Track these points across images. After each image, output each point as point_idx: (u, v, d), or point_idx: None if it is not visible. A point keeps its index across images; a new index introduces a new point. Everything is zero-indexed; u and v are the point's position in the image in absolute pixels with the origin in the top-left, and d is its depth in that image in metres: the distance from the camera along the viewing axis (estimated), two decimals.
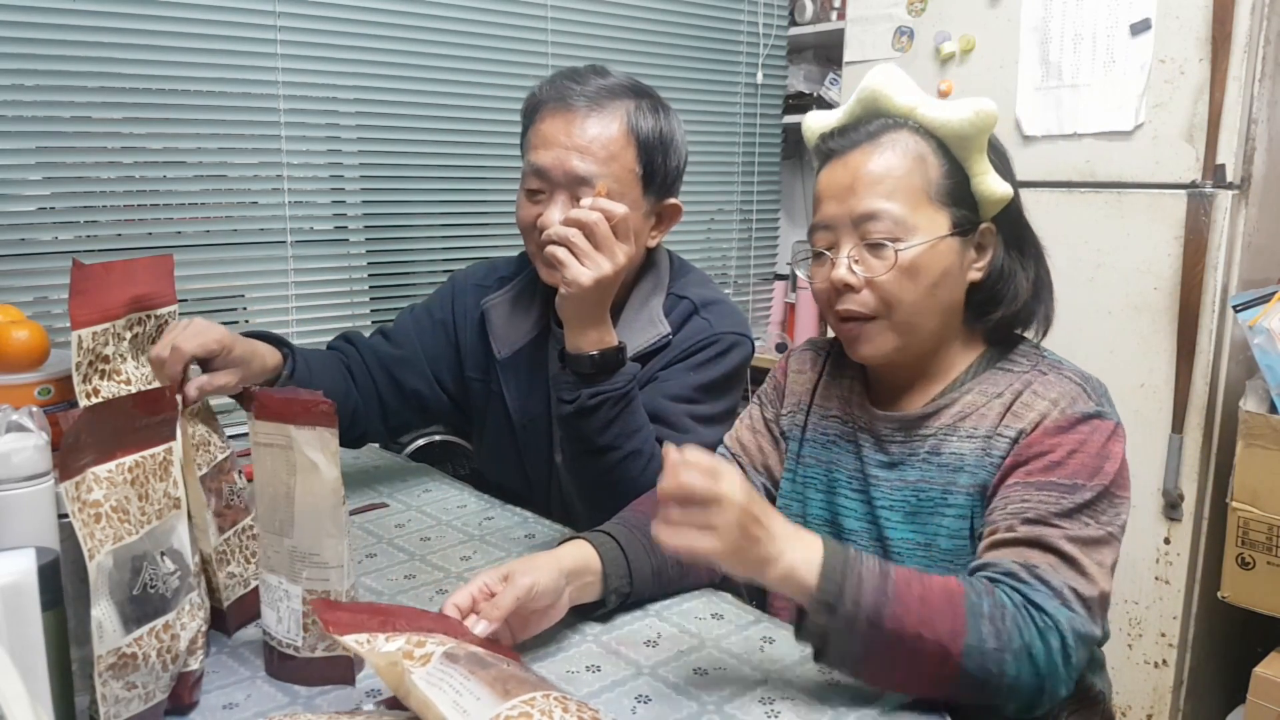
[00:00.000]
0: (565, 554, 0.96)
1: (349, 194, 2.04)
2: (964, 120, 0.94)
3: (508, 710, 0.66)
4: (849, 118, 1.01)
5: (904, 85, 0.98)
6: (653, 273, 1.32)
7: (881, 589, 0.79)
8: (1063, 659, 0.82)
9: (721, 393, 1.27)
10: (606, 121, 1.20)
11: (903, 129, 0.97)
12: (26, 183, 1.63)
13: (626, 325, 1.26)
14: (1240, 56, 1.70)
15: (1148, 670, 1.88)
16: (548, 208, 1.20)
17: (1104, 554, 0.88)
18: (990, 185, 0.97)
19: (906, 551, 0.99)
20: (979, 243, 0.99)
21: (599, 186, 1.17)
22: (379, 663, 0.71)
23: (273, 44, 1.82)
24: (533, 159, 1.22)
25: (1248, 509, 1.67)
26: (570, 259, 1.08)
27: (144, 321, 0.87)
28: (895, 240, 0.94)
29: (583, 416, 1.12)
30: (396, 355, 1.36)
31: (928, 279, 0.95)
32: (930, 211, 0.95)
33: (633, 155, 1.22)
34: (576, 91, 1.21)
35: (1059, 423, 0.92)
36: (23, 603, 0.64)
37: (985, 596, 0.82)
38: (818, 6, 2.73)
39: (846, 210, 0.96)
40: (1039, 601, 0.83)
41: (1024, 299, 1.01)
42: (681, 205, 1.31)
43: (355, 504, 1.32)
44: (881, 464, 1.02)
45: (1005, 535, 0.88)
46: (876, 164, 0.95)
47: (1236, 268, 1.77)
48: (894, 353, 0.98)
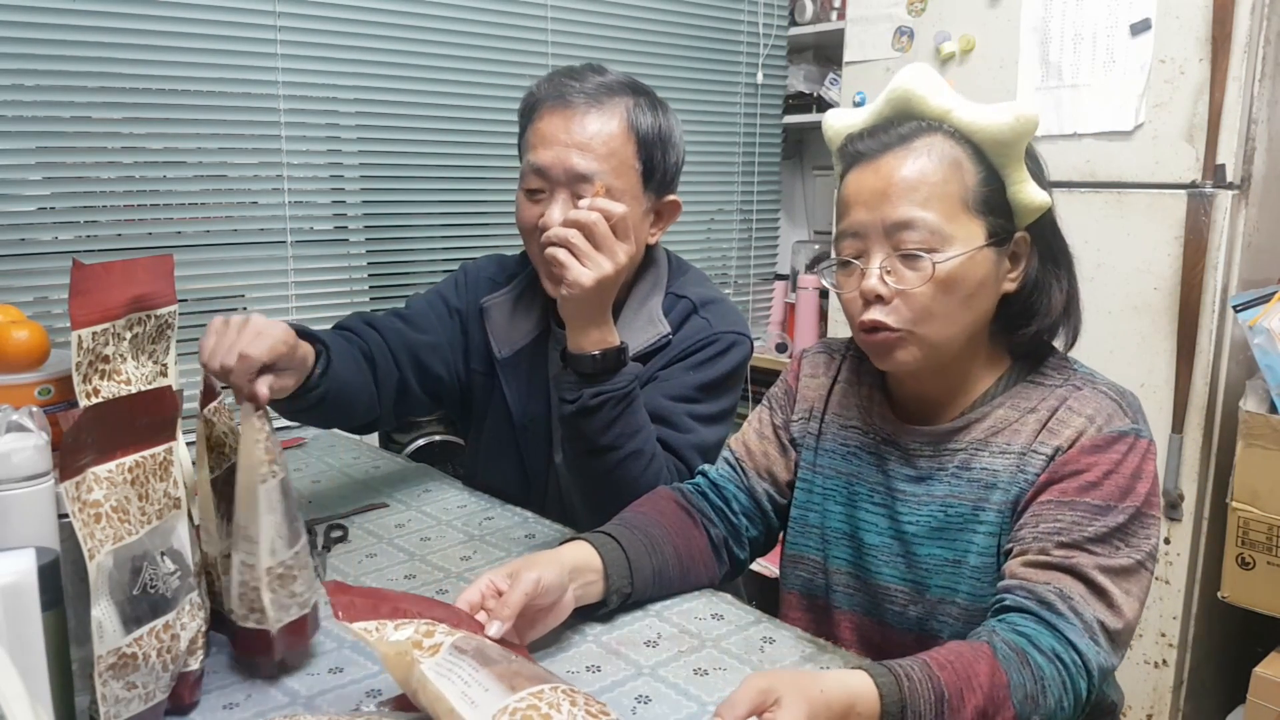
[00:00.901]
0: (567, 552, 0.96)
1: (349, 194, 2.04)
2: (1004, 125, 0.90)
3: (515, 702, 0.66)
4: (877, 118, 0.97)
5: (938, 86, 0.94)
6: (652, 271, 1.32)
7: (940, 716, 0.77)
8: (1086, 697, 0.83)
9: (722, 392, 1.27)
10: (606, 118, 1.20)
11: (937, 133, 0.92)
12: (26, 183, 1.63)
13: (626, 325, 1.26)
14: (1240, 56, 1.70)
15: (1148, 670, 1.88)
16: (549, 207, 1.20)
17: (1133, 584, 0.88)
18: (1029, 194, 0.93)
19: (935, 568, 0.98)
20: (1014, 252, 0.96)
21: (597, 185, 1.17)
22: (387, 651, 0.71)
23: (273, 44, 1.82)
24: (532, 158, 1.21)
25: (1248, 509, 1.67)
26: (571, 260, 1.08)
27: (144, 321, 0.87)
28: (931, 251, 0.90)
29: (584, 416, 1.12)
30: (424, 341, 1.33)
31: (963, 291, 0.91)
32: (966, 221, 0.91)
33: (632, 151, 1.21)
34: (575, 89, 1.21)
35: (1095, 441, 0.90)
36: (23, 603, 0.64)
37: (1024, 669, 0.81)
38: (818, 6, 2.73)
39: (879, 218, 0.92)
40: (1072, 639, 0.83)
41: (1057, 312, 0.97)
42: (680, 202, 1.31)
43: (355, 504, 1.32)
44: (908, 478, 1.00)
45: (1039, 557, 0.87)
46: (911, 169, 0.91)
47: (1236, 268, 1.77)
48: (921, 364, 0.95)
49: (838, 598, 1.06)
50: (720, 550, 1.10)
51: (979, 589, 0.95)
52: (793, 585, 1.11)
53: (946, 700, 0.77)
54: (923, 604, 0.99)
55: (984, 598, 0.94)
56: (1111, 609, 0.86)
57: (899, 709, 0.76)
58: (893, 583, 1.01)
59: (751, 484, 1.12)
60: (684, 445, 1.22)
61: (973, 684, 0.79)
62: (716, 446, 1.27)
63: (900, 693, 0.76)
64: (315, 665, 0.89)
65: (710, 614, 1.01)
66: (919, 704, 0.76)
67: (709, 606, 1.03)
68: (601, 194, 1.14)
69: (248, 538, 0.84)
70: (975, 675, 0.79)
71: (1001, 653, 0.81)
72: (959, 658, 0.81)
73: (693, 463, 1.22)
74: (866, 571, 1.03)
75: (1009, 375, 0.99)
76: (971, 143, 0.93)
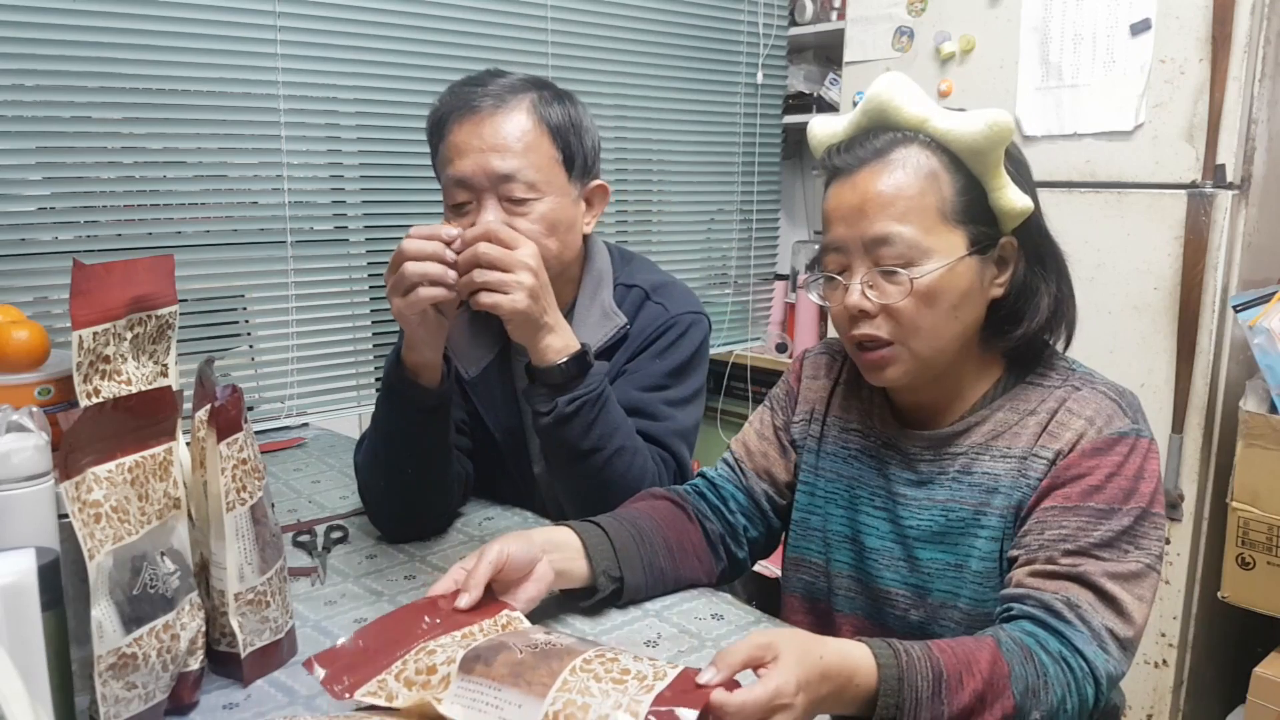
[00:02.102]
0: (538, 531, 0.97)
1: (349, 194, 2.04)
2: (977, 134, 0.90)
3: (549, 706, 0.67)
4: (855, 129, 0.97)
5: (913, 95, 0.93)
6: (596, 264, 1.31)
7: (937, 694, 0.78)
8: (1093, 703, 0.83)
9: (689, 373, 1.28)
10: (515, 116, 1.18)
11: (913, 144, 0.92)
12: (26, 183, 1.63)
13: (581, 322, 1.26)
14: (1240, 56, 1.70)
15: (1148, 670, 1.88)
16: (478, 216, 1.17)
17: (1143, 587, 0.88)
18: (1010, 199, 0.92)
19: (937, 572, 0.97)
20: (1000, 257, 0.95)
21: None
22: (407, 710, 0.72)
23: (273, 44, 1.82)
24: (451, 171, 1.18)
25: (1248, 509, 1.67)
26: (496, 298, 1.05)
27: (144, 322, 0.87)
28: (909, 265, 0.90)
29: (563, 424, 1.11)
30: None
31: (947, 302, 0.91)
32: (945, 232, 0.91)
33: (548, 142, 1.20)
34: (478, 94, 1.19)
35: (1096, 444, 0.90)
36: (23, 603, 0.64)
37: (1027, 663, 0.81)
38: (818, 6, 2.73)
39: (857, 234, 0.92)
40: (1079, 646, 0.83)
41: (1045, 314, 0.96)
42: (608, 186, 1.29)
43: (355, 504, 1.32)
44: (909, 482, 1.00)
45: (1046, 566, 0.87)
46: (886, 184, 0.91)
47: (1236, 268, 1.77)
48: (913, 376, 0.95)
49: (839, 601, 1.06)
50: (717, 546, 1.09)
51: (981, 593, 0.95)
52: (794, 588, 1.11)
53: (945, 680, 0.78)
54: (924, 608, 0.99)
55: (986, 602, 0.94)
56: (1121, 616, 0.86)
57: (896, 684, 0.76)
58: (894, 587, 1.01)
59: (750, 484, 1.12)
60: (664, 433, 1.22)
61: (973, 669, 0.79)
62: (695, 428, 1.28)
63: (899, 668, 0.77)
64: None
65: (710, 614, 1.01)
66: (916, 680, 0.77)
67: (709, 606, 1.03)
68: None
69: (216, 563, 0.84)
70: (976, 661, 0.80)
71: (1006, 646, 0.82)
72: (961, 645, 0.81)
73: (675, 448, 1.23)
74: (868, 575, 1.03)
75: (1007, 378, 0.99)
76: (949, 151, 0.92)
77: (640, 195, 2.63)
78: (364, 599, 1.04)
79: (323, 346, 1.99)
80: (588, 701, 0.66)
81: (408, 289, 1.03)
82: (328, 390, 2.00)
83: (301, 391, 1.96)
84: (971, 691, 0.78)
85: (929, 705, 0.77)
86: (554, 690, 0.68)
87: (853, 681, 0.75)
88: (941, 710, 0.78)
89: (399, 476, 1.17)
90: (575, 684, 0.68)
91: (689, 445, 1.27)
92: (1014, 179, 0.94)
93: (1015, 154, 0.96)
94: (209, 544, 0.84)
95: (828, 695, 0.73)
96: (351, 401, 2.04)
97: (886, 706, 0.76)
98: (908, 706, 0.77)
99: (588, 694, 0.67)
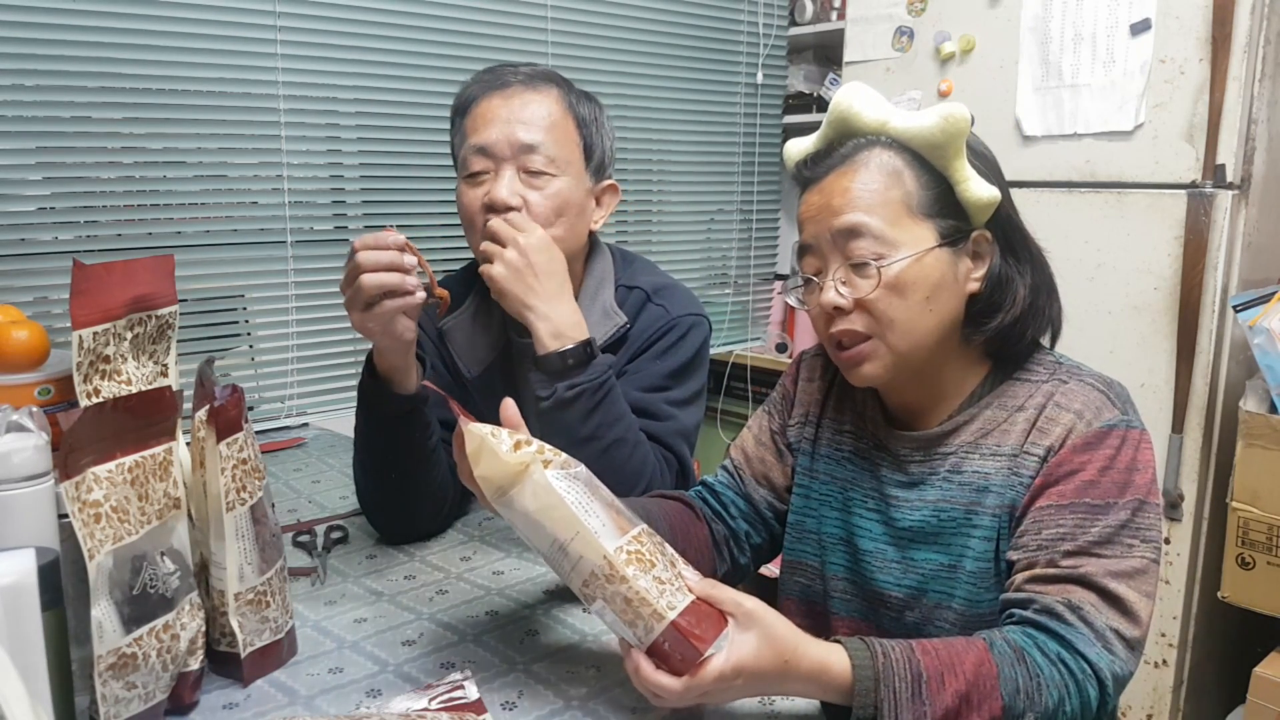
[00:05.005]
0: None
1: (349, 194, 2.04)
2: (933, 128, 0.91)
3: (625, 543, 0.77)
4: (823, 142, 0.99)
5: (871, 101, 0.95)
6: (599, 263, 1.32)
7: (918, 694, 0.78)
8: (1098, 704, 0.82)
9: (690, 374, 1.29)
10: (545, 97, 1.22)
11: (876, 146, 0.94)
12: (26, 183, 1.63)
13: None
14: (1240, 56, 1.70)
15: (1148, 670, 1.88)
16: (495, 183, 1.19)
17: (1147, 582, 0.87)
18: (974, 191, 0.94)
19: (930, 573, 0.97)
20: (975, 251, 0.96)
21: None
22: (509, 460, 0.79)
23: (273, 44, 1.82)
24: (474, 140, 1.20)
25: (1248, 509, 1.68)
26: (486, 266, 1.13)
27: (144, 322, 0.87)
28: (879, 258, 0.91)
29: (561, 409, 1.12)
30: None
31: (919, 294, 0.92)
32: (912, 225, 0.92)
33: (574, 128, 1.24)
34: (511, 75, 1.23)
35: (1087, 438, 0.90)
36: (23, 603, 0.65)
37: (1019, 665, 0.81)
38: (818, 6, 2.73)
39: (826, 229, 0.93)
40: (1080, 647, 0.83)
41: (1022, 306, 0.97)
42: (619, 186, 1.32)
43: (355, 505, 1.32)
44: (900, 483, 1.00)
45: (1046, 570, 0.87)
46: (852, 182, 0.93)
47: (1236, 268, 1.77)
48: (893, 373, 0.95)
49: (835, 604, 1.05)
50: (721, 547, 1.09)
51: (976, 594, 0.94)
52: (790, 592, 1.11)
53: (925, 681, 0.78)
54: (920, 609, 0.98)
55: (981, 603, 0.94)
56: (1126, 615, 0.85)
57: (873, 684, 0.78)
58: (889, 588, 1.00)
59: (749, 490, 1.12)
60: (667, 432, 1.23)
61: (956, 670, 0.80)
62: (696, 429, 1.29)
63: (874, 669, 0.79)
64: (315, 665, 0.89)
65: None
66: (894, 681, 0.78)
67: None
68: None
69: (216, 563, 0.84)
70: (960, 662, 0.80)
71: (998, 648, 0.82)
72: (947, 646, 0.82)
73: (677, 447, 1.23)
74: (863, 577, 1.03)
75: (993, 375, 0.99)
76: (911, 150, 0.94)
77: (640, 195, 2.63)
78: (364, 599, 1.04)
79: (323, 346, 1.99)
80: (653, 560, 0.77)
81: (366, 303, 1.05)
82: (328, 390, 2.00)
83: (301, 391, 1.96)
84: (954, 692, 0.78)
85: (910, 706, 0.77)
86: (629, 537, 0.77)
87: (825, 674, 0.79)
88: (924, 711, 0.78)
89: (386, 481, 1.19)
90: (648, 546, 0.78)
91: (690, 445, 1.27)
92: (979, 171, 0.95)
93: (977, 146, 0.97)
94: (209, 544, 0.84)
95: (782, 686, 0.79)
96: (351, 401, 2.03)
97: (864, 706, 0.78)
98: (886, 707, 0.77)
99: (649, 564, 0.77)
